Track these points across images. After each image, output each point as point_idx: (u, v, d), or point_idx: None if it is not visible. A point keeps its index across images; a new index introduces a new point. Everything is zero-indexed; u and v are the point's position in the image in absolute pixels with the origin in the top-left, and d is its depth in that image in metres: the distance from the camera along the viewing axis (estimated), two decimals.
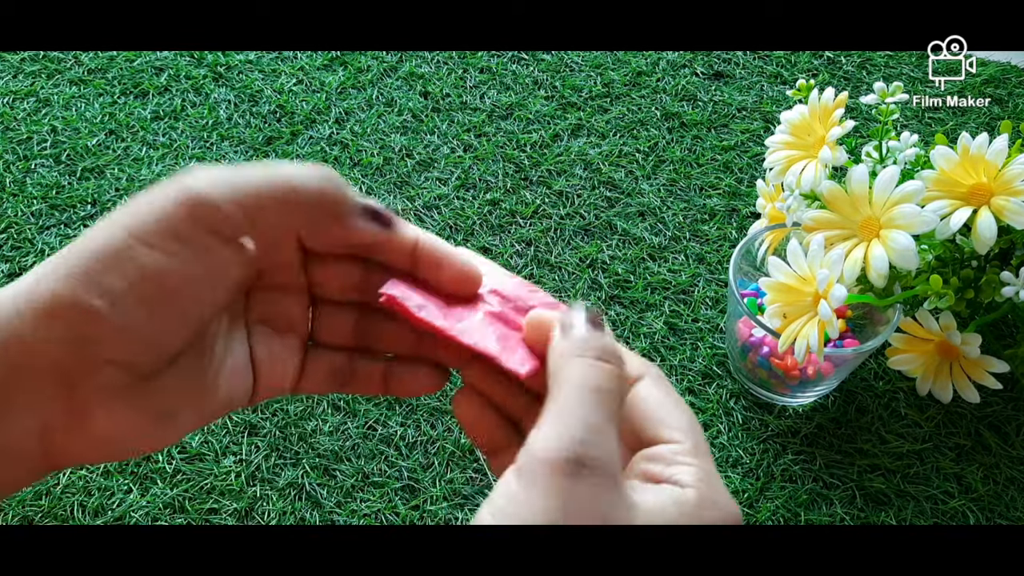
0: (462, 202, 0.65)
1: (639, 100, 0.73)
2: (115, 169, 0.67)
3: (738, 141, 0.70)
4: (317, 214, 0.27)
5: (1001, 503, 0.50)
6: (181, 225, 0.25)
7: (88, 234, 0.25)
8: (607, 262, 0.62)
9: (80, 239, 0.25)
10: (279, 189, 0.26)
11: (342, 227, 0.28)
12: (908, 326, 0.50)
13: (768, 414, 0.54)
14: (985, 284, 0.45)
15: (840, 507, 0.50)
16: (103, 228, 0.25)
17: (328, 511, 0.50)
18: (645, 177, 0.67)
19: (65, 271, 0.24)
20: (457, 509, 0.50)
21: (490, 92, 0.74)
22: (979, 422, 0.53)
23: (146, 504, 0.49)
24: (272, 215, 0.27)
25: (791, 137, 0.52)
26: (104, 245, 0.24)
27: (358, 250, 0.29)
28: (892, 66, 0.75)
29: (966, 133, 0.45)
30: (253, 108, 0.72)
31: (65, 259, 0.25)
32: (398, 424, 0.53)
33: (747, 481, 0.51)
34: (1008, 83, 0.74)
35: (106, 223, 0.25)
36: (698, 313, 0.59)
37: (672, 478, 0.26)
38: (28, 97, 0.73)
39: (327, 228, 0.28)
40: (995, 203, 0.44)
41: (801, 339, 0.44)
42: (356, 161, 0.68)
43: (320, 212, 0.27)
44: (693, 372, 0.56)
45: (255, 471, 0.51)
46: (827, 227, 0.46)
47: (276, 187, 0.26)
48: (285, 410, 0.54)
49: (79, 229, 0.63)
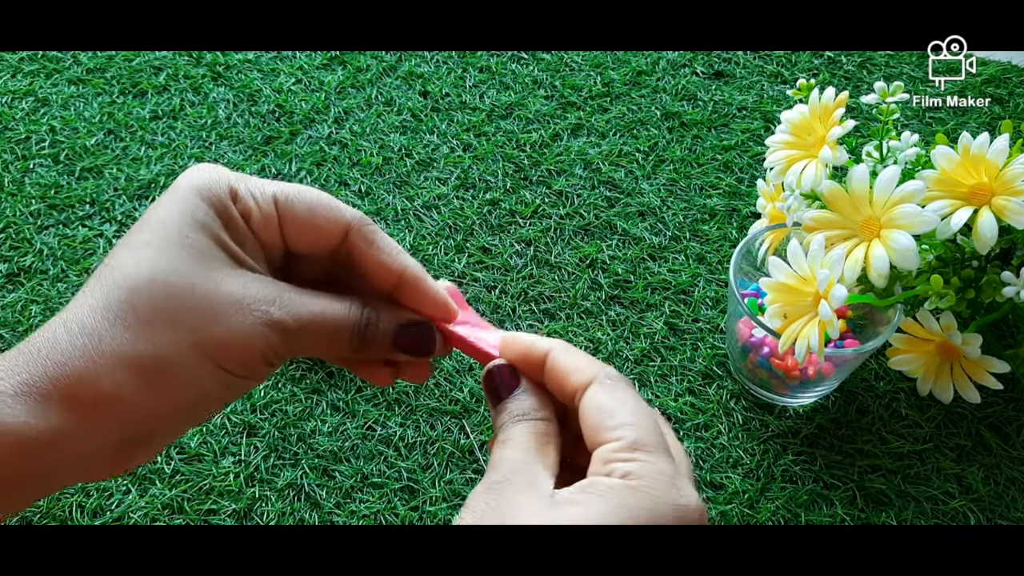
0: (461, 202, 0.65)
1: (639, 100, 0.73)
2: (114, 169, 0.67)
3: (738, 141, 0.70)
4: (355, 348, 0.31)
5: (1002, 504, 0.50)
6: (256, 366, 0.29)
7: (168, 352, 0.27)
8: (607, 262, 0.62)
9: (142, 344, 0.27)
10: (326, 327, 0.30)
11: (375, 352, 0.32)
12: (909, 326, 0.50)
13: (768, 414, 0.54)
14: (986, 284, 0.45)
15: (840, 508, 0.50)
16: (187, 352, 0.27)
17: (327, 512, 0.49)
18: (645, 177, 0.67)
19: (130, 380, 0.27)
20: (456, 510, 0.50)
21: (490, 92, 0.74)
22: (980, 422, 0.53)
23: (145, 505, 0.49)
24: (313, 350, 0.31)
25: (791, 137, 0.52)
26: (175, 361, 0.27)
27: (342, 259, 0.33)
28: (892, 66, 0.75)
29: (967, 133, 0.45)
30: (252, 108, 0.72)
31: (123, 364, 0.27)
32: (397, 425, 0.53)
33: (747, 482, 0.51)
34: (1008, 83, 0.73)
35: (189, 346, 0.27)
36: (698, 313, 0.59)
37: (608, 474, 0.26)
38: (26, 96, 0.72)
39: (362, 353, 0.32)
40: (996, 203, 0.44)
41: (801, 339, 0.44)
42: (355, 161, 0.68)
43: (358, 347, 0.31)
44: (693, 372, 0.56)
45: (254, 472, 0.51)
46: (827, 227, 0.46)
47: (326, 323, 0.30)
48: (284, 411, 0.53)
49: (77, 229, 0.63)
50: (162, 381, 0.27)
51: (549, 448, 0.29)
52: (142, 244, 0.28)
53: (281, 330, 0.28)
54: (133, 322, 0.26)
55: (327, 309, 0.30)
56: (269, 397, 0.54)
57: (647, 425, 0.28)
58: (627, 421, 0.27)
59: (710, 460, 0.52)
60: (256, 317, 0.28)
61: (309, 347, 0.30)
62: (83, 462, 0.27)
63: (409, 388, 0.55)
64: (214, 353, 0.27)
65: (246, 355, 0.28)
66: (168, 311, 0.27)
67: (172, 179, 0.66)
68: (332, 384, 0.55)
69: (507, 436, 0.29)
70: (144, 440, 0.28)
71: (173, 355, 0.27)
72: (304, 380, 0.55)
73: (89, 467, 0.27)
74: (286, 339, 0.29)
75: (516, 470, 0.27)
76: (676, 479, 0.26)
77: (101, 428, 0.26)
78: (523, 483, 0.27)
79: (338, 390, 0.54)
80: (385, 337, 0.31)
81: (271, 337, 0.28)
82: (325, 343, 0.30)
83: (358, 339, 0.31)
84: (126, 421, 0.27)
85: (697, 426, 0.53)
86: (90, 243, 0.63)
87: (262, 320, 0.28)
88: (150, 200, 0.65)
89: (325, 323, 0.30)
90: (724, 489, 0.51)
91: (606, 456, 0.27)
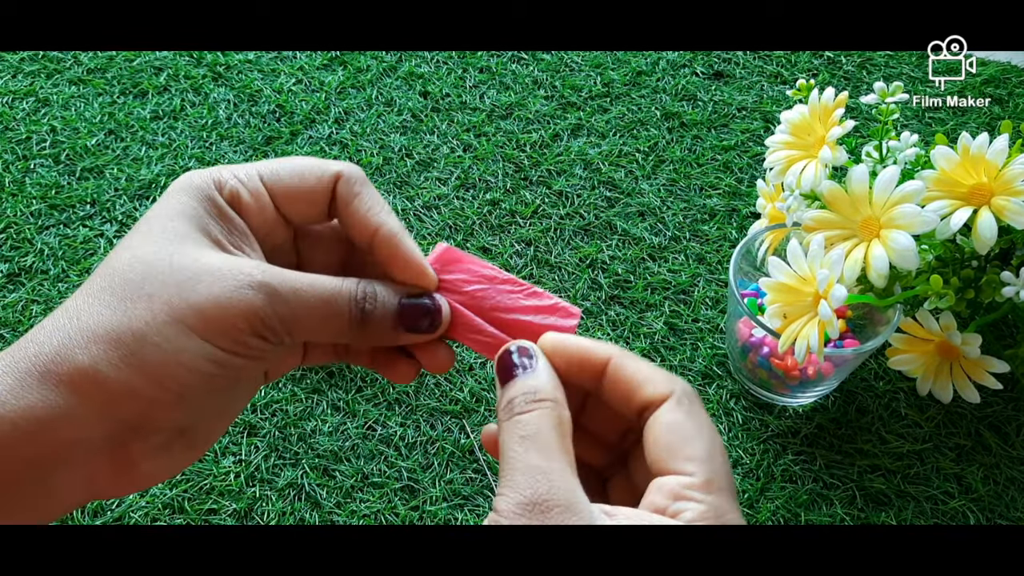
0: (462, 202, 0.65)
1: (639, 100, 0.73)
2: (114, 169, 0.67)
3: (738, 141, 0.70)
4: (355, 332, 0.30)
5: (1001, 503, 0.50)
6: (242, 337, 0.27)
7: (144, 323, 0.26)
8: (607, 262, 0.62)
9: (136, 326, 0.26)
10: (319, 298, 0.28)
11: (378, 338, 0.30)
12: (908, 326, 0.50)
13: (768, 414, 0.54)
14: (985, 284, 0.45)
15: (840, 507, 0.50)
16: (164, 323, 0.26)
17: (327, 511, 0.50)
18: (645, 177, 0.67)
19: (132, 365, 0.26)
20: (457, 510, 0.50)
21: (490, 92, 0.74)
22: (979, 422, 0.53)
23: (145, 504, 0.49)
24: (311, 329, 0.29)
25: (791, 137, 0.52)
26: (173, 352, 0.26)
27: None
28: (892, 66, 0.75)
29: (966, 133, 0.45)
30: (252, 108, 0.72)
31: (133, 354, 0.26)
32: (397, 424, 0.53)
33: (747, 481, 0.51)
34: (1008, 83, 0.73)
35: (167, 317, 0.26)
36: (698, 313, 0.59)
37: (674, 513, 0.25)
38: (27, 97, 0.72)
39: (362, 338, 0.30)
40: (995, 203, 0.44)
41: (801, 339, 0.44)
42: (355, 161, 0.68)
43: (360, 332, 0.30)
44: (693, 372, 0.56)
45: (254, 471, 0.51)
46: (827, 227, 0.46)
47: (317, 293, 0.28)
48: (284, 411, 0.54)
49: (78, 229, 0.63)
50: (140, 355, 0.25)
51: (568, 440, 0.27)
52: (128, 237, 0.28)
53: (267, 291, 0.27)
54: (110, 299, 0.26)
55: (318, 281, 0.28)
56: (269, 397, 0.54)
57: (722, 463, 0.26)
58: (703, 455, 0.25)
59: None
60: (238, 280, 0.26)
61: (305, 322, 0.28)
62: (78, 453, 0.26)
63: (409, 388, 0.55)
64: (193, 322, 0.26)
65: (228, 322, 0.26)
66: (144, 285, 0.26)
67: (172, 179, 0.66)
68: (332, 384, 0.55)
69: (525, 428, 0.26)
70: (140, 429, 0.26)
71: (147, 326, 0.25)
72: (304, 380, 0.55)
73: (88, 462, 0.26)
74: (274, 304, 0.27)
75: (552, 486, 0.25)
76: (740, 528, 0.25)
77: (86, 408, 0.25)
78: (563, 508, 0.24)
79: (338, 390, 0.55)
80: (388, 313, 0.29)
81: (255, 300, 0.26)
82: (321, 318, 0.28)
83: (358, 316, 0.29)
84: (110, 401, 0.25)
85: None
86: (91, 243, 0.63)
87: (244, 282, 0.26)
88: (151, 200, 0.66)
89: (316, 293, 0.28)
90: None
91: (676, 491, 0.25)
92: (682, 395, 0.27)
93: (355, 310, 0.29)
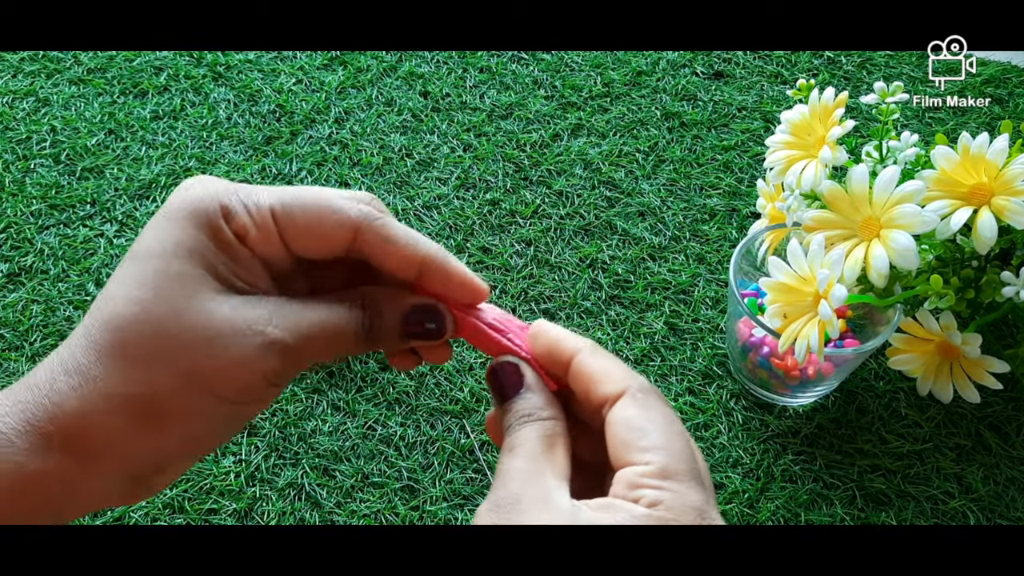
0: (462, 202, 0.65)
1: (639, 100, 0.73)
2: (114, 169, 0.67)
3: (738, 141, 0.70)
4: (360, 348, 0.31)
5: (1001, 503, 0.50)
6: (258, 390, 0.28)
7: (167, 393, 0.27)
8: (607, 262, 0.62)
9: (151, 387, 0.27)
10: (327, 335, 0.29)
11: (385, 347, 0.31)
12: (908, 326, 0.50)
13: (768, 414, 0.54)
14: (985, 284, 0.45)
15: (840, 507, 0.50)
16: (184, 390, 0.27)
17: (328, 511, 0.50)
18: (645, 177, 0.67)
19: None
20: (457, 509, 0.50)
21: (490, 92, 0.74)
22: (979, 422, 0.53)
23: (145, 504, 0.49)
24: (320, 358, 0.30)
25: (791, 137, 0.52)
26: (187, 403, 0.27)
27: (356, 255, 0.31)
28: (892, 66, 0.75)
29: (966, 133, 0.45)
30: (252, 108, 0.72)
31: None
32: (398, 424, 0.53)
33: (747, 481, 0.51)
34: (1008, 83, 0.73)
35: (187, 385, 0.27)
36: (698, 313, 0.59)
37: (635, 499, 0.25)
38: (27, 97, 0.73)
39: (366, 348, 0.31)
40: (995, 203, 0.44)
41: (801, 339, 0.44)
42: (356, 161, 0.68)
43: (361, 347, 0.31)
44: (693, 372, 0.56)
45: (255, 471, 0.51)
46: (827, 227, 0.46)
47: (326, 332, 0.29)
48: (285, 410, 0.54)
49: (78, 229, 0.63)
50: (158, 420, 0.26)
51: (558, 450, 0.27)
52: (131, 278, 0.27)
53: (280, 350, 0.27)
54: (123, 361, 0.26)
55: (326, 317, 0.29)
56: None
57: (679, 449, 0.26)
58: (658, 444, 0.26)
59: (710, 460, 0.52)
60: (251, 341, 0.27)
61: (315, 356, 0.29)
62: (94, 499, 0.27)
63: (409, 388, 0.55)
64: (211, 385, 0.26)
65: (245, 381, 0.27)
66: (158, 348, 0.26)
67: (172, 179, 0.66)
68: (332, 384, 0.55)
69: (513, 442, 0.28)
70: (156, 471, 0.28)
71: (166, 393, 0.26)
72: (304, 380, 0.55)
73: (102, 502, 0.27)
74: (287, 357, 0.28)
75: (525, 482, 0.26)
76: (705, 512, 0.25)
77: (103, 471, 0.26)
78: (535, 500, 0.25)
79: (338, 390, 0.55)
80: (393, 329, 0.30)
81: (270, 359, 0.27)
82: (329, 348, 0.29)
83: (365, 338, 0.30)
84: (127, 461, 0.26)
85: (697, 426, 0.53)
86: (91, 243, 0.63)
87: (258, 343, 0.27)
88: (150, 200, 0.66)
89: (325, 332, 0.29)
90: (724, 489, 0.51)
91: (633, 480, 0.25)
92: (637, 390, 0.28)
93: (362, 334, 0.30)
